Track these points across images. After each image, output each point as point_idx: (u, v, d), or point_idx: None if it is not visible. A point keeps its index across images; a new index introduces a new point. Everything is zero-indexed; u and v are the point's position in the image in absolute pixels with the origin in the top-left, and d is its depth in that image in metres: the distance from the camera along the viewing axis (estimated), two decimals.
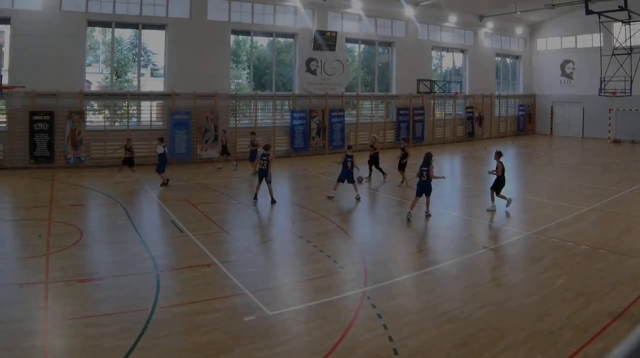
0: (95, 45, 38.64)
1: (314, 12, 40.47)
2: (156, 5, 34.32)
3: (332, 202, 22.74)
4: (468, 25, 50.74)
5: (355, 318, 11.15)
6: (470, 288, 13.00)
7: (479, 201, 23.24)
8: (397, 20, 45.21)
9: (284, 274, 14.38)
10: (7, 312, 11.00)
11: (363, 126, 42.93)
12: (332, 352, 9.75)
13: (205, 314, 11.22)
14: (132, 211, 21.02)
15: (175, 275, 13.87)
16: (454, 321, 11.00)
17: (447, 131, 49.45)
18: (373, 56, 45.92)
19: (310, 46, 39.99)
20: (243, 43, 43.02)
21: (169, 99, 34.49)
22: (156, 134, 32.53)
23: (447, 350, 9.83)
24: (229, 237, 17.78)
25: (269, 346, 9.96)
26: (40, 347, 9.76)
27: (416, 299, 12.49)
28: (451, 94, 49.28)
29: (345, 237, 18.10)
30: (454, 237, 18.08)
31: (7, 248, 16.11)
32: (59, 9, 31.18)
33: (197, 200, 22.95)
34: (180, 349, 9.79)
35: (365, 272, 14.07)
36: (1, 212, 20.96)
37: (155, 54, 38.13)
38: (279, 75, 41.52)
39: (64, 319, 10.90)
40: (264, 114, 39.37)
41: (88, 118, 33.00)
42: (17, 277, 13.27)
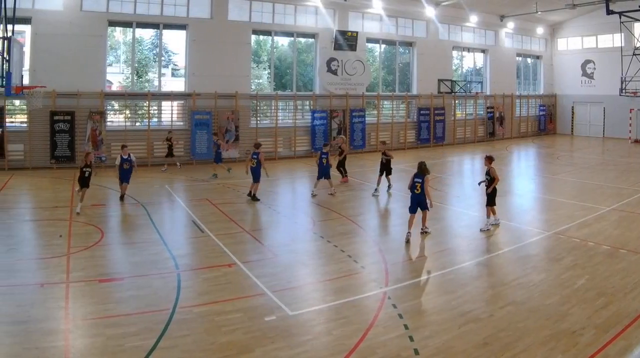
0: (116, 45, 38.26)
1: (334, 12, 39.94)
2: (177, 5, 33.95)
3: (350, 202, 22.38)
4: (489, 25, 49.97)
5: (376, 318, 11.06)
6: (491, 288, 12.92)
7: (500, 201, 21.83)
8: (418, 20, 44.59)
9: (305, 274, 14.23)
10: (29, 312, 10.96)
11: (384, 126, 42.33)
12: (353, 351, 9.67)
13: (226, 314, 11.14)
14: (153, 211, 20.73)
15: (196, 275, 13.72)
16: (475, 321, 10.92)
17: (468, 131, 48.71)
18: (394, 56, 45.23)
19: (331, 46, 39.50)
20: (264, 43, 42.54)
21: (190, 99, 34.03)
22: (177, 134, 32.55)
23: (468, 350, 9.75)
24: (249, 237, 17.45)
25: (290, 346, 9.89)
26: (60, 346, 9.65)
27: (437, 299, 12.31)
28: (472, 94, 48.53)
29: (366, 237, 17.88)
30: (474, 237, 17.71)
31: (28, 248, 15.97)
32: (79, 9, 30.88)
33: (218, 200, 22.71)
34: (201, 349, 9.71)
35: (386, 272, 13.95)
36: (22, 212, 20.77)
37: (176, 54, 37.84)
38: (299, 75, 40.89)
39: (84, 319, 10.81)
40: (285, 114, 38.98)
41: (109, 118, 32.92)
42: (38, 277, 13.17)
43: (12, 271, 13.59)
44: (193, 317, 10.98)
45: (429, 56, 45.09)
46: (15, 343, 9.73)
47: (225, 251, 15.56)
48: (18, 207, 21.91)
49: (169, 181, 27.17)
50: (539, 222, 19.88)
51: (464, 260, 15.29)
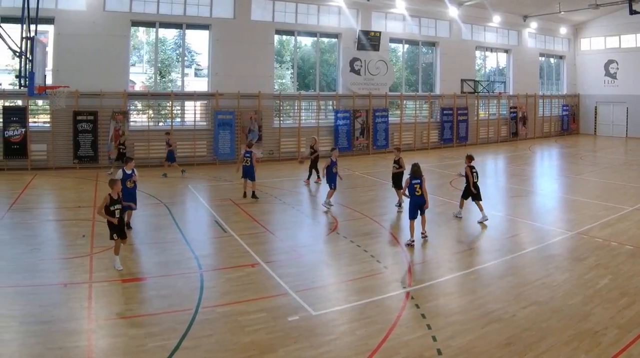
0: (139, 45, 38.03)
1: (358, 12, 39.32)
2: (200, 5, 33.62)
3: (374, 202, 22.07)
4: (512, 25, 49.17)
5: (399, 318, 10.97)
6: (515, 288, 12.68)
7: (523, 201, 23.24)
8: (441, 20, 43.90)
9: (328, 274, 14.08)
10: (52, 312, 10.88)
11: (407, 126, 41.75)
12: (376, 351, 9.56)
13: (249, 314, 11.04)
14: (176, 211, 20.50)
15: (219, 275, 13.59)
16: (498, 321, 10.81)
17: (491, 131, 47.93)
18: (417, 56, 44.49)
19: (354, 46, 38.93)
20: (287, 43, 41.96)
21: (213, 99, 33.67)
22: (200, 134, 32.47)
23: (491, 350, 9.64)
24: (273, 237, 17.29)
25: (313, 346, 9.80)
26: (84, 346, 9.61)
27: (460, 299, 12.16)
28: (495, 94, 47.82)
29: (389, 236, 17.65)
30: (497, 237, 17.50)
31: (51, 248, 15.79)
32: (102, 9, 30.62)
33: (241, 200, 22.39)
34: (224, 349, 9.61)
35: (409, 272, 13.89)
36: (46, 212, 20.58)
37: (199, 54, 37.57)
38: (322, 75, 40.44)
39: (107, 319, 10.74)
40: (308, 114, 38.45)
41: (132, 118, 32.58)
42: (62, 277, 13.04)
43: (35, 271, 13.44)
44: (216, 317, 10.89)
45: (452, 56, 44.42)
46: (38, 343, 9.60)
47: (249, 251, 15.36)
48: (41, 207, 21.62)
49: (192, 181, 26.87)
50: (562, 222, 19.57)
51: (487, 260, 15.14)
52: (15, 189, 23.93)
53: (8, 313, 10.86)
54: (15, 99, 29.88)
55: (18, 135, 28.52)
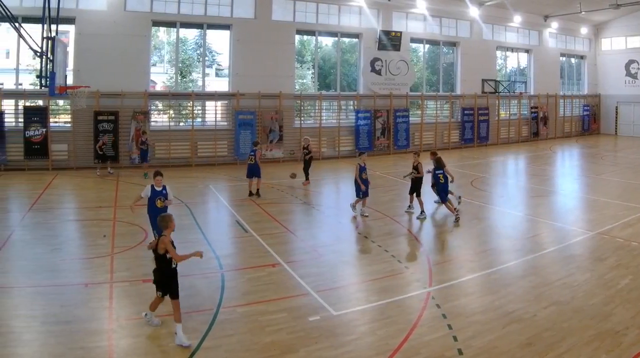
0: (160, 45, 37.68)
1: (378, 12, 38.79)
2: (221, 5, 33.29)
3: (395, 202, 21.77)
4: (533, 25, 48.39)
5: (419, 318, 10.85)
6: (535, 288, 12.51)
7: (544, 201, 23.08)
8: (461, 20, 43.25)
9: (348, 274, 13.96)
10: (73, 312, 10.80)
11: (428, 126, 41.24)
12: (397, 351, 9.47)
13: (270, 314, 10.95)
14: (197, 211, 20.24)
15: (240, 275, 13.46)
16: (518, 321, 10.69)
17: (512, 131, 47.17)
18: (438, 56, 43.94)
19: (375, 46, 38.40)
20: (307, 43, 41.53)
21: (234, 99, 33.27)
22: (221, 134, 32.15)
23: (512, 350, 9.53)
24: (293, 237, 17.14)
25: (334, 346, 9.70)
26: (105, 346, 9.52)
27: (481, 299, 11.99)
28: (516, 94, 47.12)
29: (409, 236, 17.52)
30: (518, 236, 17.29)
31: (72, 248, 15.66)
32: (123, 9, 30.39)
33: (262, 200, 22.11)
34: (244, 349, 9.52)
35: (430, 272, 13.69)
36: (66, 212, 20.36)
37: (220, 54, 37.17)
38: (343, 75, 40.07)
39: (128, 319, 10.66)
40: (329, 114, 37.93)
41: (152, 118, 32.25)
42: (82, 277, 12.99)
43: (56, 271, 13.32)
44: (237, 317, 10.79)
45: (473, 56, 43.76)
46: (59, 343, 9.49)
47: (269, 251, 15.23)
48: (62, 207, 21.38)
49: (213, 181, 26.60)
50: (583, 222, 19.35)
51: (508, 260, 14.92)
52: (36, 189, 23.72)
53: (29, 313, 10.78)
54: (36, 99, 29.64)
55: (39, 135, 28.28)
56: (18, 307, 11.15)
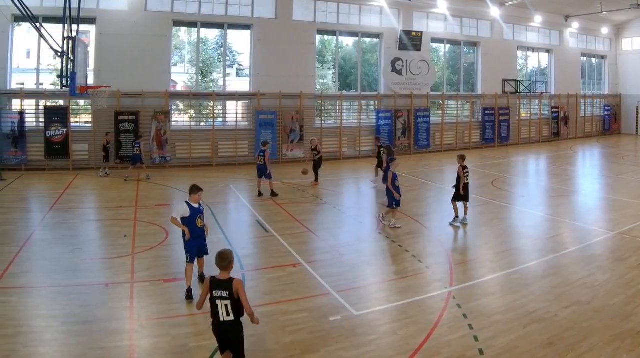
0: (181, 45, 37.39)
1: (399, 12, 38.20)
2: (242, 5, 32.98)
3: (415, 202, 21.36)
4: (553, 25, 47.62)
5: (440, 318, 10.71)
6: (556, 288, 12.31)
7: (565, 201, 22.78)
8: (482, 20, 42.58)
9: (369, 274, 13.71)
10: (93, 312, 10.72)
11: (448, 126, 40.59)
12: (418, 351, 9.35)
13: (291, 314, 10.84)
14: (218, 211, 19.95)
15: (261, 275, 13.33)
16: (539, 321, 10.52)
17: (533, 131, 46.37)
18: (458, 56, 43.27)
19: (395, 46, 37.88)
20: (328, 43, 40.95)
21: (255, 99, 32.82)
22: (241, 134, 31.92)
23: (533, 350, 9.36)
24: (314, 237, 16.83)
25: (355, 346, 9.56)
26: (125, 346, 9.44)
27: (502, 299, 11.79)
28: (537, 94, 46.27)
29: (430, 237, 17.19)
30: (539, 237, 16.96)
31: (93, 248, 15.51)
32: (144, 9, 30.22)
33: (283, 200, 21.84)
34: (265, 349, 9.42)
35: (451, 272, 13.47)
36: (87, 212, 20.14)
37: (241, 54, 36.62)
38: (364, 75, 39.18)
39: (149, 319, 10.55)
40: (350, 114, 37.33)
41: (173, 118, 31.93)
42: (103, 277, 12.88)
43: (77, 271, 13.22)
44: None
45: (494, 56, 43.05)
46: (80, 343, 9.42)
47: (290, 251, 15.05)
48: (83, 207, 21.10)
49: (234, 181, 26.29)
50: (604, 222, 18.97)
51: (529, 260, 14.65)
52: (57, 189, 23.57)
53: (49, 313, 10.70)
54: (57, 99, 29.62)
55: (60, 135, 28.13)
56: (39, 307, 11.02)
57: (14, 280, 12.38)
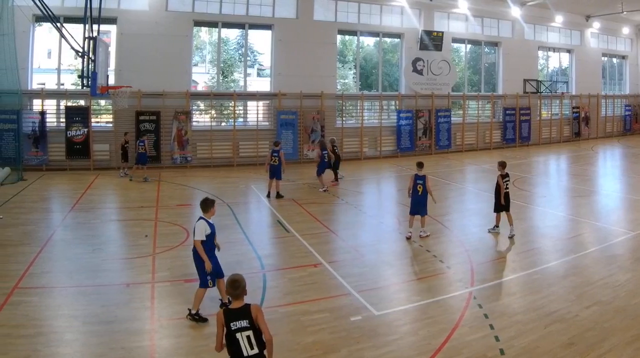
0: (202, 45, 37.13)
1: (420, 12, 37.56)
2: (262, 5, 32.49)
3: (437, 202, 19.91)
4: (574, 25, 46.70)
5: (461, 318, 10.60)
6: (577, 288, 12.18)
7: (586, 201, 22.47)
8: (503, 20, 41.78)
9: (390, 274, 13.55)
10: (114, 312, 10.66)
11: (469, 126, 39.85)
12: (439, 351, 9.26)
13: (312, 314, 10.74)
14: (239, 211, 19.81)
15: (282, 275, 13.21)
16: (560, 321, 10.39)
17: (554, 131, 45.46)
18: (479, 56, 42.49)
19: (416, 46, 37.16)
20: (349, 43, 40.15)
21: (275, 99, 32.36)
22: (262, 134, 31.47)
23: (554, 350, 9.26)
24: (335, 237, 16.73)
25: (375, 346, 9.46)
26: (146, 346, 9.40)
27: (523, 299, 11.66)
28: (557, 94, 45.49)
29: (451, 237, 16.90)
30: (560, 237, 16.75)
31: (114, 248, 15.43)
32: (165, 9, 29.86)
33: (304, 200, 21.71)
34: (286, 349, 9.21)
35: (472, 272, 13.31)
36: (108, 212, 20.01)
37: (262, 54, 36.33)
38: (385, 75, 38.78)
39: (170, 319, 10.50)
40: (370, 114, 36.75)
41: (194, 118, 31.45)
42: (124, 277, 12.84)
43: (97, 271, 13.12)
44: (278, 317, 10.57)
45: (515, 56, 42.26)
46: (101, 343, 9.37)
47: (311, 251, 14.95)
48: (103, 207, 20.89)
49: (254, 181, 25.87)
50: (625, 221, 18.65)
51: (549, 260, 14.45)
52: (78, 189, 23.30)
53: (71, 313, 10.63)
54: (78, 99, 29.40)
55: (80, 135, 27.85)
56: (60, 307, 10.93)
57: (35, 280, 12.28)
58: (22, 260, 13.51)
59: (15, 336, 9.48)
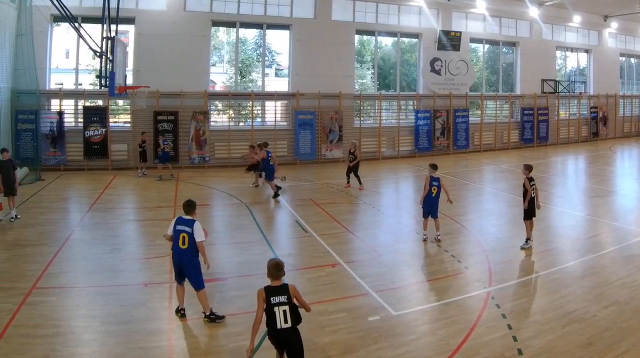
0: (220, 45, 36.95)
1: (438, 12, 36.94)
2: (280, 5, 32.08)
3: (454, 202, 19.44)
4: (592, 25, 45.87)
5: (479, 318, 10.47)
6: (595, 288, 12.00)
7: (604, 201, 22.03)
8: (521, 20, 41.05)
9: (408, 274, 13.39)
10: (132, 312, 10.57)
11: (487, 126, 39.16)
12: (457, 351, 9.14)
13: (330, 314, 10.62)
14: (257, 211, 19.56)
15: (300, 275, 12.92)
16: (578, 321, 10.27)
17: (572, 131, 44.64)
18: (497, 56, 41.90)
19: (434, 46, 36.62)
20: (367, 43, 39.57)
21: (293, 99, 31.86)
22: (280, 134, 31.12)
23: (572, 350, 9.16)
24: (353, 237, 16.45)
25: (393, 346, 9.36)
26: (164, 346, 9.30)
27: (540, 299, 11.56)
28: (575, 94, 44.65)
29: (469, 237, 16.66)
30: (578, 237, 16.58)
31: (132, 248, 15.21)
32: (183, 9, 29.56)
33: (322, 200, 21.40)
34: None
35: (490, 272, 13.13)
36: (126, 212, 19.78)
37: (280, 54, 36.10)
38: (403, 75, 38.18)
39: (188, 319, 10.34)
40: (388, 114, 36.21)
41: (212, 118, 31.03)
42: (142, 277, 12.69)
43: (115, 271, 13.03)
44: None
45: (533, 56, 41.50)
46: (119, 343, 9.28)
47: (329, 251, 14.75)
48: (121, 207, 20.65)
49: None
50: None
51: (567, 260, 14.27)
52: (96, 189, 23.02)
53: (89, 313, 10.54)
54: (96, 99, 29.17)
55: (98, 135, 27.58)
56: (78, 307, 10.83)
57: (53, 280, 12.17)
58: (40, 260, 13.39)
59: (34, 336, 9.38)
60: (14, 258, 13.65)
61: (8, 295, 11.10)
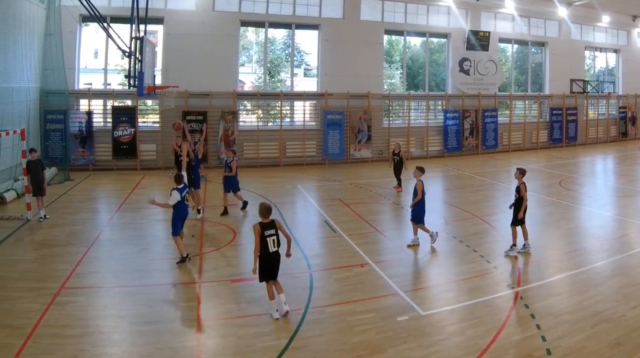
0: (248, 45, 36.20)
1: (467, 12, 35.81)
2: (309, 5, 31.20)
3: (483, 202, 20.51)
4: (621, 25, 44.39)
5: (508, 318, 10.27)
6: (624, 288, 11.64)
7: (632, 201, 21.34)
8: (550, 20, 39.77)
9: (437, 274, 13.23)
10: (161, 312, 10.49)
11: (516, 126, 37.95)
12: (486, 351, 8.93)
13: (358, 314, 10.44)
14: (286, 211, 19.12)
15: (329, 275, 12.81)
16: (607, 321, 10.01)
17: (600, 131, 43.25)
18: (526, 56, 40.62)
19: (463, 46, 35.51)
20: (396, 43, 38.87)
21: (322, 99, 30.92)
22: (309, 134, 30.31)
23: (601, 350, 8.91)
24: (382, 237, 16.15)
25: (422, 346, 9.18)
26: (193, 347, 9.15)
27: (569, 299, 11.21)
28: (604, 94, 43.29)
29: (498, 237, 16.04)
30: (606, 237, 16.08)
31: (160, 248, 14.79)
32: (212, 9, 28.89)
33: (351, 200, 20.88)
34: (333, 349, 9.10)
35: (519, 272, 12.95)
36: (154, 212, 18.97)
37: (308, 54, 35.33)
38: (432, 75, 36.91)
39: (216, 319, 10.27)
40: (417, 114, 35.22)
41: (241, 118, 30.36)
42: (170, 277, 12.52)
43: (144, 271, 12.85)
44: (325, 317, 10.40)
45: (561, 56, 40.17)
46: (147, 343, 9.16)
47: (358, 251, 14.46)
48: (150, 207, 19.75)
49: (301, 181, 25.11)
50: None
51: (596, 260, 13.86)
52: (125, 189, 22.71)
53: (117, 313, 10.45)
54: (125, 99, 28.63)
55: (127, 135, 27.00)
56: (107, 307, 10.75)
57: (82, 280, 12.07)
58: (69, 260, 13.22)
59: (62, 336, 9.25)
60: (43, 259, 13.51)
61: (37, 295, 10.97)
